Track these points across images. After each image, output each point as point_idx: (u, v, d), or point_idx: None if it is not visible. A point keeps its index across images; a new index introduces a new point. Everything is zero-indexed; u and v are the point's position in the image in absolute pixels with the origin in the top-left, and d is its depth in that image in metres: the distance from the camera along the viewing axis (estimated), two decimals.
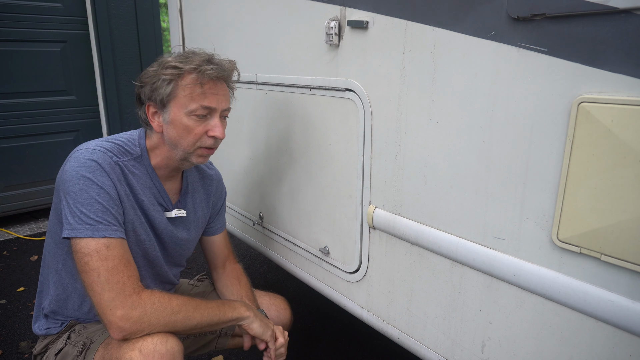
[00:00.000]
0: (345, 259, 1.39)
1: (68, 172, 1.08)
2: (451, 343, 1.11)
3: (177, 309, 1.08)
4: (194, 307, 1.12)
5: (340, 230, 1.39)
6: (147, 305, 1.04)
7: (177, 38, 2.16)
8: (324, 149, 1.39)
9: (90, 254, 1.04)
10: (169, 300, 1.08)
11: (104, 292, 1.03)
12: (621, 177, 0.73)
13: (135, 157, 1.18)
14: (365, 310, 1.36)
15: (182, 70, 1.14)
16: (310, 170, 1.47)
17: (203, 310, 1.13)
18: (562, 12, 0.77)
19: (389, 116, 1.15)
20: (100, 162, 1.09)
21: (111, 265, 1.04)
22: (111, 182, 1.10)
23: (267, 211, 1.75)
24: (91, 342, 1.15)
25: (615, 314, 0.78)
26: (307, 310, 2.27)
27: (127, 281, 1.05)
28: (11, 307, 2.27)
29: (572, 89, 0.79)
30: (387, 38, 1.12)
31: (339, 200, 1.37)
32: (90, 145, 1.12)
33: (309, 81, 1.39)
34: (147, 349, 1.03)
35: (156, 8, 3.68)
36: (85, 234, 1.04)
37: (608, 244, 0.77)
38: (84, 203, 1.05)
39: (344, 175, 1.33)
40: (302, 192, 1.52)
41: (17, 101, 3.18)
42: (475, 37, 0.92)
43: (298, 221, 1.58)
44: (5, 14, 3.03)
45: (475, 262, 1.00)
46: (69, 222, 1.06)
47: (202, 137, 1.18)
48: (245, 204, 1.89)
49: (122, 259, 1.07)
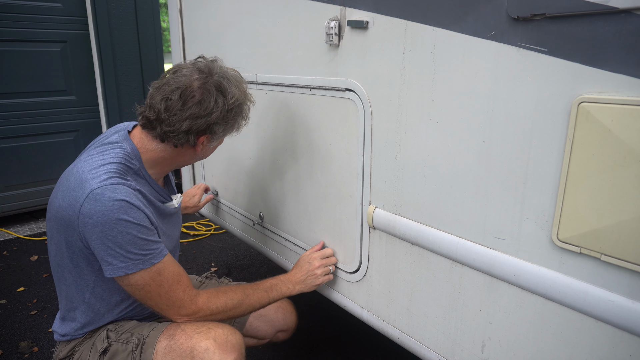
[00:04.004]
0: (345, 259, 1.39)
1: (96, 216, 1.04)
2: (451, 343, 1.11)
3: (228, 302, 1.24)
4: (241, 292, 1.28)
5: (340, 230, 1.39)
6: (203, 309, 1.21)
7: (177, 38, 2.16)
8: (324, 148, 1.39)
9: (148, 284, 1.12)
10: (218, 299, 1.23)
11: (168, 308, 1.17)
12: (621, 177, 0.73)
13: (135, 170, 1.18)
14: (365, 310, 1.36)
15: (241, 101, 1.22)
16: (310, 170, 1.47)
17: (250, 292, 1.29)
18: (562, 12, 0.77)
19: (389, 116, 1.15)
20: (129, 199, 1.07)
21: (167, 287, 1.15)
22: (143, 214, 1.10)
23: (267, 211, 1.75)
24: (145, 337, 1.18)
25: (615, 314, 0.78)
26: (307, 310, 2.27)
27: (184, 296, 1.18)
28: (11, 307, 2.27)
29: (572, 89, 0.78)
30: (387, 38, 1.12)
31: (339, 200, 1.37)
32: (103, 178, 1.07)
33: (309, 81, 1.39)
34: (221, 338, 1.14)
35: (156, 8, 3.68)
36: (137, 268, 1.09)
37: (608, 244, 0.77)
38: (129, 243, 1.07)
39: (344, 175, 1.33)
40: (302, 192, 1.52)
41: (17, 101, 3.18)
42: (475, 37, 0.92)
43: (298, 221, 1.58)
44: (5, 14, 3.03)
45: (475, 262, 1.00)
46: (111, 263, 1.08)
47: None
48: (246, 203, 1.89)
49: (174, 276, 1.16)
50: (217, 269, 2.74)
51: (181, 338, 1.15)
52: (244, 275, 2.64)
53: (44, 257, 2.80)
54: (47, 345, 1.98)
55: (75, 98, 3.45)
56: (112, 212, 1.04)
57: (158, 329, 1.20)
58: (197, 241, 3.17)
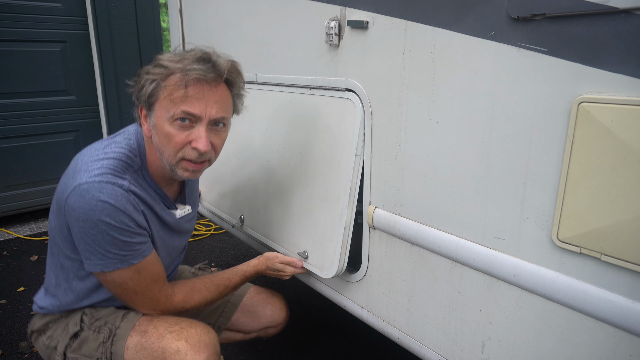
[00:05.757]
0: (324, 264, 1.35)
1: (78, 212, 1.01)
2: (451, 343, 1.11)
3: (202, 301, 1.25)
4: (215, 291, 1.29)
5: (323, 233, 1.35)
6: (177, 308, 1.21)
7: (177, 38, 2.16)
8: (320, 149, 1.38)
9: (126, 282, 1.11)
10: (193, 298, 1.23)
11: (143, 305, 1.17)
12: (621, 177, 0.73)
13: (136, 169, 1.12)
14: (365, 310, 1.36)
15: (168, 69, 1.03)
16: (301, 171, 1.45)
17: (223, 290, 1.31)
18: (562, 12, 0.77)
19: (389, 116, 1.15)
20: (113, 202, 1.01)
21: (144, 286, 1.13)
22: (129, 218, 1.05)
23: (248, 214, 1.71)
24: (116, 328, 1.16)
25: (615, 314, 0.78)
26: (307, 310, 2.27)
27: (160, 295, 1.17)
28: (11, 307, 2.27)
29: (572, 89, 0.78)
30: (387, 38, 1.12)
31: (325, 201, 1.34)
32: (94, 173, 1.02)
33: (309, 81, 1.39)
34: (193, 339, 1.13)
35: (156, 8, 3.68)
36: (115, 267, 1.07)
37: (608, 244, 0.77)
38: (108, 243, 1.03)
39: (335, 176, 1.32)
40: (289, 194, 1.50)
41: (17, 101, 3.18)
42: (475, 37, 0.92)
43: (280, 225, 1.54)
44: (5, 14, 3.03)
45: (475, 262, 1.00)
46: (89, 258, 1.06)
47: (185, 148, 1.06)
48: (228, 205, 1.84)
49: (153, 276, 1.14)
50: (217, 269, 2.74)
51: (153, 336, 1.13)
52: None
53: (43, 257, 2.80)
54: None
55: (75, 98, 3.45)
56: (94, 212, 1.00)
57: (130, 320, 1.18)
58: (197, 241, 3.17)
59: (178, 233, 1.31)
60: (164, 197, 1.21)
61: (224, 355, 1.90)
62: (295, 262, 1.39)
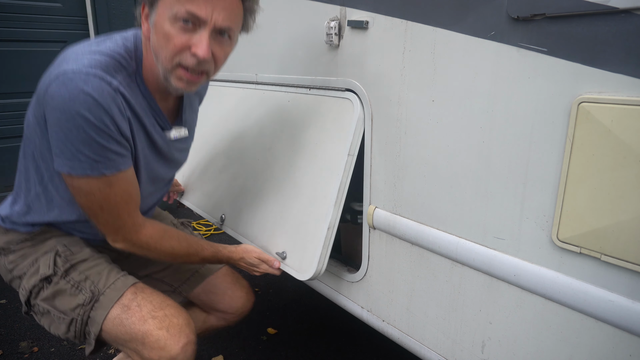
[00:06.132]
0: (301, 266, 1.29)
1: (57, 100, 0.91)
2: (451, 343, 1.11)
3: (168, 250, 1.16)
4: (185, 248, 1.19)
5: (305, 233, 1.30)
6: (142, 244, 1.12)
7: None
8: (314, 148, 1.34)
9: (93, 192, 1.00)
10: (162, 242, 1.15)
11: (106, 225, 1.07)
12: (621, 177, 0.73)
13: (130, 72, 1.02)
14: (365, 310, 1.36)
15: None
16: (292, 169, 1.40)
17: (192, 253, 1.22)
18: (562, 12, 0.77)
19: (389, 116, 1.15)
20: (98, 97, 0.91)
21: (113, 204, 1.03)
22: (111, 119, 0.94)
23: (230, 212, 1.63)
24: (100, 293, 1.10)
25: (615, 314, 0.78)
26: (307, 310, 2.27)
27: (128, 220, 1.08)
28: (11, 307, 2.27)
29: (572, 89, 0.78)
30: (387, 38, 1.12)
31: (312, 201, 1.30)
32: (83, 64, 0.93)
33: (309, 81, 1.39)
34: (174, 329, 1.11)
35: None
36: (83, 172, 0.96)
37: (608, 244, 0.77)
38: (82, 142, 0.93)
39: (331, 175, 1.27)
40: (276, 193, 1.45)
41: (17, 101, 3.18)
42: (475, 37, 0.92)
43: (262, 224, 1.47)
44: (5, 14, 3.03)
45: (475, 262, 1.00)
46: (59, 155, 0.95)
47: (183, 52, 0.96)
48: (211, 204, 1.76)
49: (125, 195, 1.04)
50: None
51: (135, 316, 1.08)
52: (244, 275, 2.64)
53: None
54: (47, 345, 1.98)
55: None
56: (74, 103, 0.90)
57: (116, 290, 1.11)
58: None
59: (166, 160, 1.21)
60: (157, 113, 1.10)
61: (223, 355, 1.91)
62: (273, 262, 1.31)
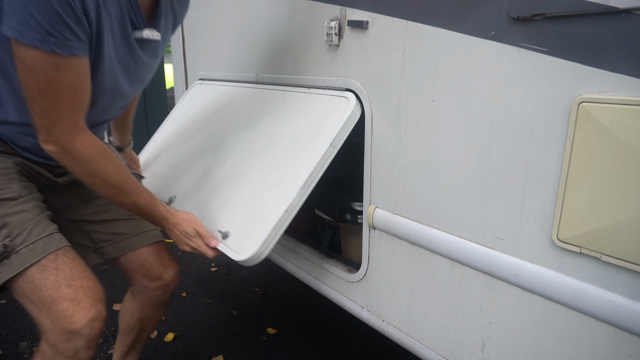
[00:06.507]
0: (240, 247, 1.18)
1: None
2: (451, 343, 1.11)
3: (102, 173, 1.05)
4: (120, 178, 1.08)
5: (258, 214, 1.21)
6: (75, 151, 1.01)
7: (177, 38, 2.17)
8: (296, 138, 1.29)
9: (37, 70, 0.92)
10: (99, 161, 1.04)
11: (42, 116, 0.97)
12: (621, 177, 0.73)
13: None
14: (365, 310, 1.36)
15: None
16: (267, 156, 1.32)
17: (125, 190, 1.10)
18: (562, 12, 0.77)
19: (389, 116, 1.15)
20: None
21: (55, 91, 0.94)
22: None
23: (180, 194, 1.53)
24: (13, 250, 1.01)
25: (615, 314, 0.78)
26: (307, 310, 2.27)
27: (67, 115, 0.98)
28: (11, 307, 2.27)
29: (572, 89, 0.79)
30: (387, 38, 1.12)
31: (277, 185, 1.23)
32: None
33: (309, 81, 1.39)
34: (86, 303, 1.03)
35: None
36: (30, 41, 0.88)
37: (608, 244, 0.77)
38: (38, 5, 0.85)
39: (306, 161, 1.20)
40: (243, 177, 1.36)
41: None
42: (475, 37, 0.92)
43: (213, 205, 1.37)
44: None
45: (475, 262, 1.00)
46: (9, 16, 0.87)
47: None
48: (163, 185, 1.64)
49: (70, 87, 0.96)
50: (217, 269, 2.74)
51: (50, 278, 1.02)
52: (244, 275, 2.64)
53: None
54: None
55: None
56: None
57: (34, 252, 1.03)
58: None
59: (133, 66, 1.14)
60: (134, 6, 1.05)
61: (223, 355, 1.91)
62: (210, 239, 1.20)
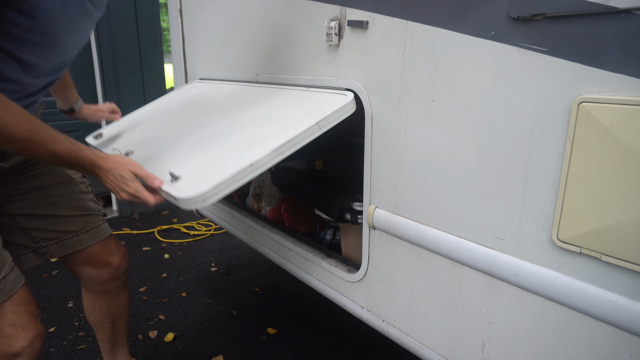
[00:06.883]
0: (190, 188, 1.05)
1: None
2: (451, 343, 1.11)
3: (8, 132, 0.94)
4: (26, 129, 0.96)
5: (217, 165, 1.12)
6: None
7: (177, 38, 2.16)
8: (284, 118, 1.24)
9: None
10: None
11: None
12: (621, 177, 0.73)
13: None
14: (365, 310, 1.36)
15: None
16: (249, 130, 1.26)
17: (35, 140, 0.98)
18: (562, 12, 0.77)
19: (389, 116, 1.15)
20: None
21: None
22: None
23: (136, 149, 1.42)
24: None
25: (615, 314, 0.78)
26: (307, 310, 2.27)
27: None
28: None
29: (572, 89, 0.79)
30: (387, 38, 1.12)
31: (248, 149, 1.14)
32: None
33: (309, 81, 1.39)
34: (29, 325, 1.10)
35: (156, 8, 3.67)
36: None
37: (608, 244, 0.77)
38: None
39: (287, 132, 1.13)
40: (213, 145, 1.26)
41: None
42: (475, 37, 0.92)
43: (173, 157, 1.27)
44: None
45: (475, 262, 1.00)
46: None
47: None
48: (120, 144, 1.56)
49: None
50: (217, 269, 2.74)
51: None
52: (244, 275, 2.64)
53: None
54: (47, 345, 1.98)
55: None
56: None
57: (11, 285, 1.08)
58: (197, 241, 3.17)
59: (79, 16, 1.10)
60: None
61: (223, 355, 1.91)
62: (153, 179, 1.07)
